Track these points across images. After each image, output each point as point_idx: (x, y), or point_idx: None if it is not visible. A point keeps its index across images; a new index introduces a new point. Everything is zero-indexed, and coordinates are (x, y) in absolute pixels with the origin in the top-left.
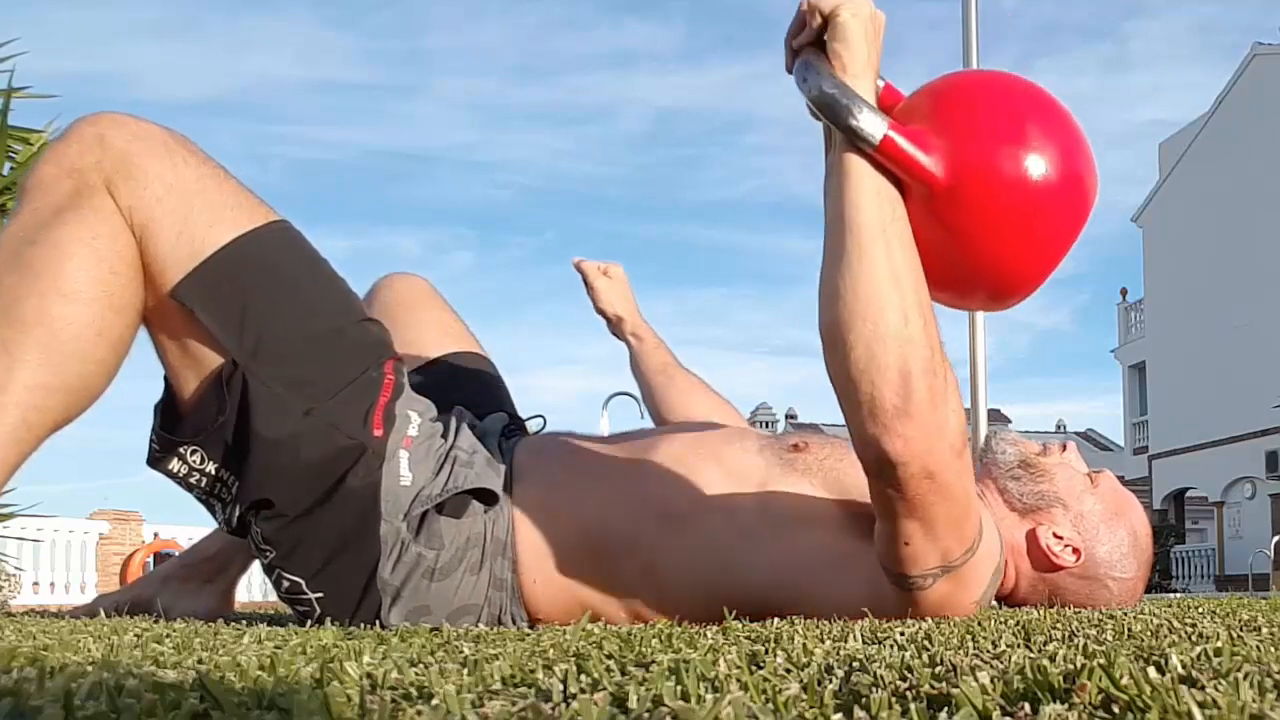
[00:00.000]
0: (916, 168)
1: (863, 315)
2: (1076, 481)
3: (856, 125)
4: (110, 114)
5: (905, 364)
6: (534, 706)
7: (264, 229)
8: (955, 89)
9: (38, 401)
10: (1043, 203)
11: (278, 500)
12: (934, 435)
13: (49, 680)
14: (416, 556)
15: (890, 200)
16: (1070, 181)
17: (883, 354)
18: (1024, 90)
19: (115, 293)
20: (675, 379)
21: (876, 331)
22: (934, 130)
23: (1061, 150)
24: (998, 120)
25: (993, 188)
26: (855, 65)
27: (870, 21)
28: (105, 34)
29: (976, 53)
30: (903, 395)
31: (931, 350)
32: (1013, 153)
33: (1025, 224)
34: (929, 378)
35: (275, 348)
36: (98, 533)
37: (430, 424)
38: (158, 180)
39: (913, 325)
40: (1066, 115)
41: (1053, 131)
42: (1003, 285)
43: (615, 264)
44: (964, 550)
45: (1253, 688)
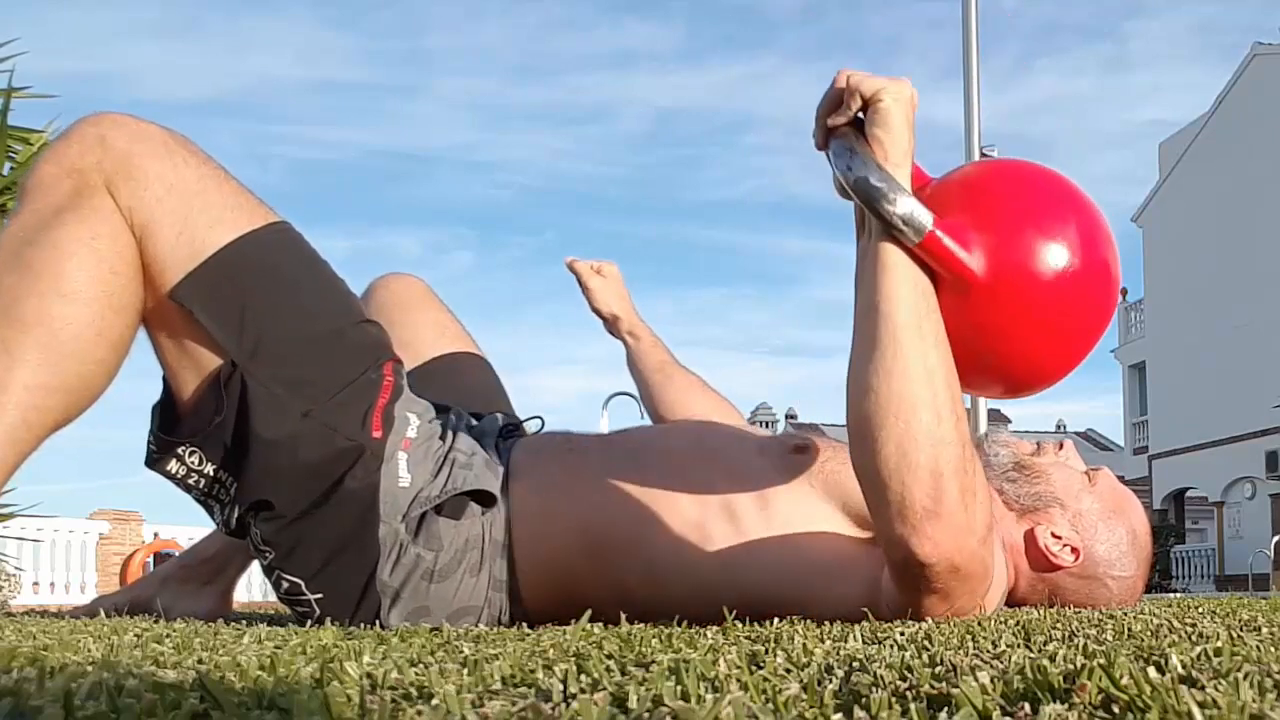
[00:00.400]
0: (957, 265)
1: (895, 413)
2: (1074, 480)
3: (901, 218)
4: (111, 114)
5: (937, 464)
6: (534, 706)
7: (264, 230)
8: (990, 181)
9: (37, 401)
10: (1076, 303)
11: (276, 501)
12: (964, 535)
13: (49, 680)
14: (415, 558)
15: (926, 294)
16: (1102, 279)
17: (914, 453)
18: (1056, 186)
19: (115, 293)
20: (673, 377)
21: (909, 430)
22: (975, 225)
23: (1094, 249)
24: (1037, 219)
25: (1031, 288)
26: (897, 153)
27: (909, 105)
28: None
29: (976, 53)
30: (934, 497)
31: (963, 447)
32: (1052, 254)
33: (1059, 323)
34: (960, 477)
35: (274, 349)
36: (98, 533)
37: (429, 425)
38: (158, 181)
39: (945, 424)
40: (1093, 209)
41: (1086, 230)
42: (1027, 380)
43: (609, 262)
44: (974, 605)
45: (1253, 688)
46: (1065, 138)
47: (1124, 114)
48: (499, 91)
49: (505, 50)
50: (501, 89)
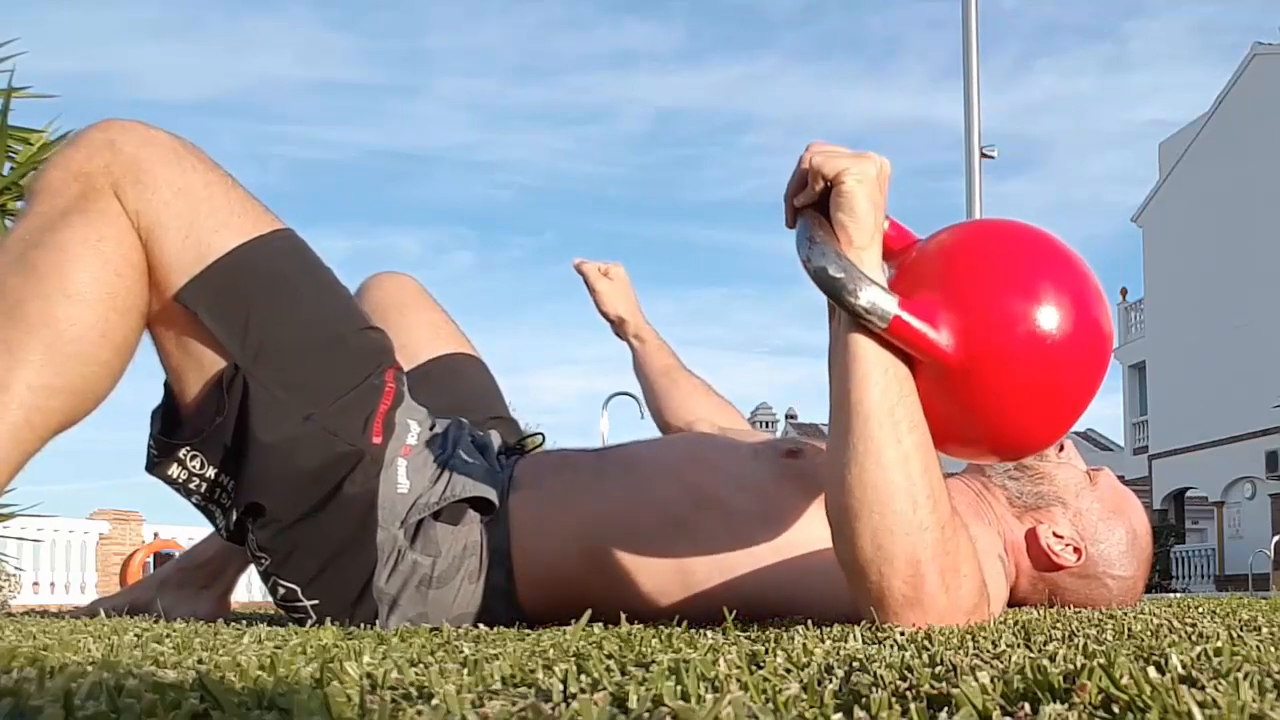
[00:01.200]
0: (928, 346)
1: (869, 505)
2: (1075, 480)
3: (864, 310)
4: (120, 121)
5: (914, 553)
6: (534, 706)
7: (270, 236)
8: (963, 251)
9: (41, 402)
10: (1060, 374)
11: (274, 505)
12: (946, 615)
13: (49, 680)
14: (413, 564)
15: (899, 379)
16: (1088, 346)
17: (890, 544)
18: (1031, 252)
19: (119, 294)
20: (678, 381)
21: (884, 522)
22: (945, 303)
23: (1079, 316)
24: (1011, 294)
25: (1008, 363)
26: (861, 236)
27: (875, 183)
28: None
29: (976, 52)
30: (913, 585)
31: (941, 529)
32: (1029, 332)
33: (1042, 396)
34: (939, 560)
35: (277, 353)
36: (98, 533)
37: (429, 433)
38: (165, 185)
39: (922, 510)
40: (1079, 269)
41: (1069, 298)
42: (1017, 448)
43: (617, 265)
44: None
45: (1253, 688)
46: (1065, 138)
47: (1124, 114)
48: (499, 91)
49: (505, 50)
50: (501, 89)
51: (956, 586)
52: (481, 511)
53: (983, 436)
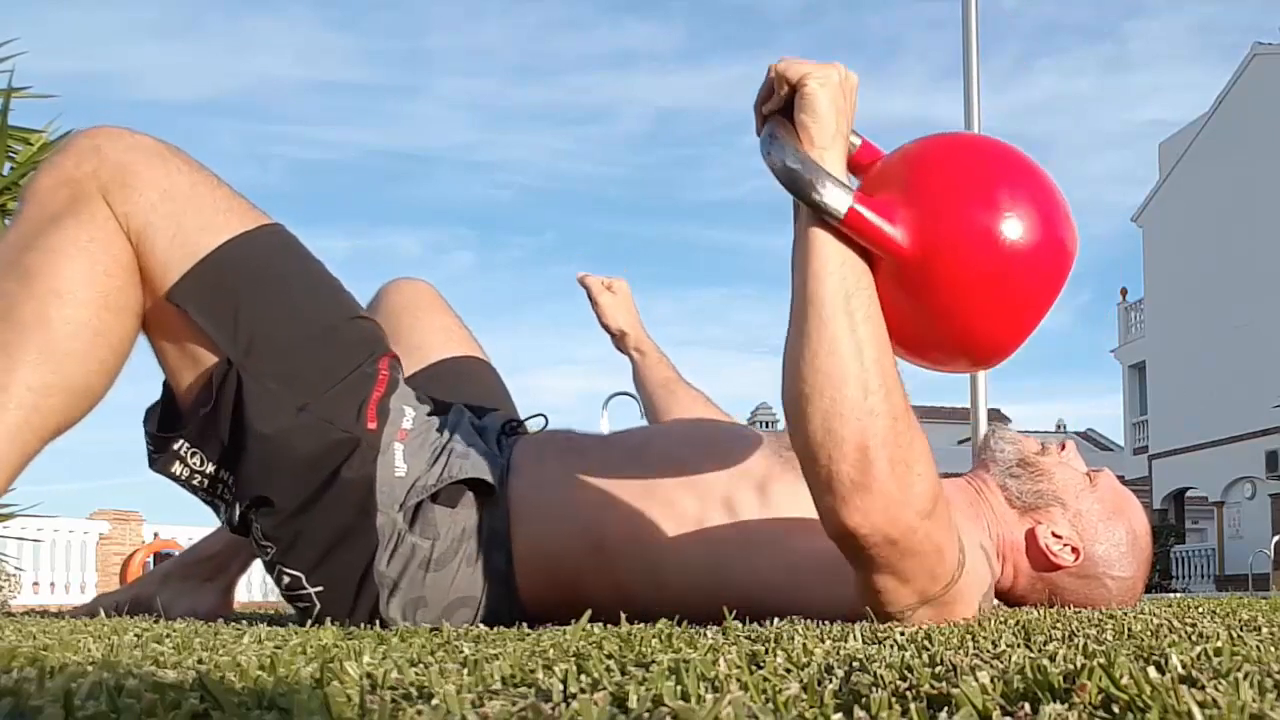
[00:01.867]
0: (883, 240)
1: (821, 389)
2: (1075, 480)
3: (820, 200)
4: (106, 127)
5: (863, 438)
6: (534, 706)
7: (256, 232)
8: (924, 154)
9: (39, 402)
10: (1014, 272)
11: (275, 495)
12: (895, 507)
13: (49, 680)
14: (412, 547)
15: (855, 272)
16: (1042, 248)
17: (840, 428)
18: (995, 155)
19: (111, 294)
20: (678, 393)
21: (834, 406)
22: (901, 200)
23: (1035, 217)
24: (963, 188)
25: (961, 259)
26: (823, 137)
27: (840, 88)
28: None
29: (976, 53)
30: (860, 469)
31: (894, 420)
32: (980, 224)
33: (996, 293)
34: (889, 449)
35: (268, 345)
36: (98, 533)
37: (425, 419)
38: (152, 187)
39: (873, 398)
40: (1040, 178)
41: (1024, 198)
42: (979, 351)
43: (619, 278)
44: (943, 585)
45: (1253, 688)
46: (1065, 138)
47: (1124, 114)
48: (499, 91)
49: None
50: (501, 89)
51: (908, 480)
52: (480, 494)
53: (940, 336)
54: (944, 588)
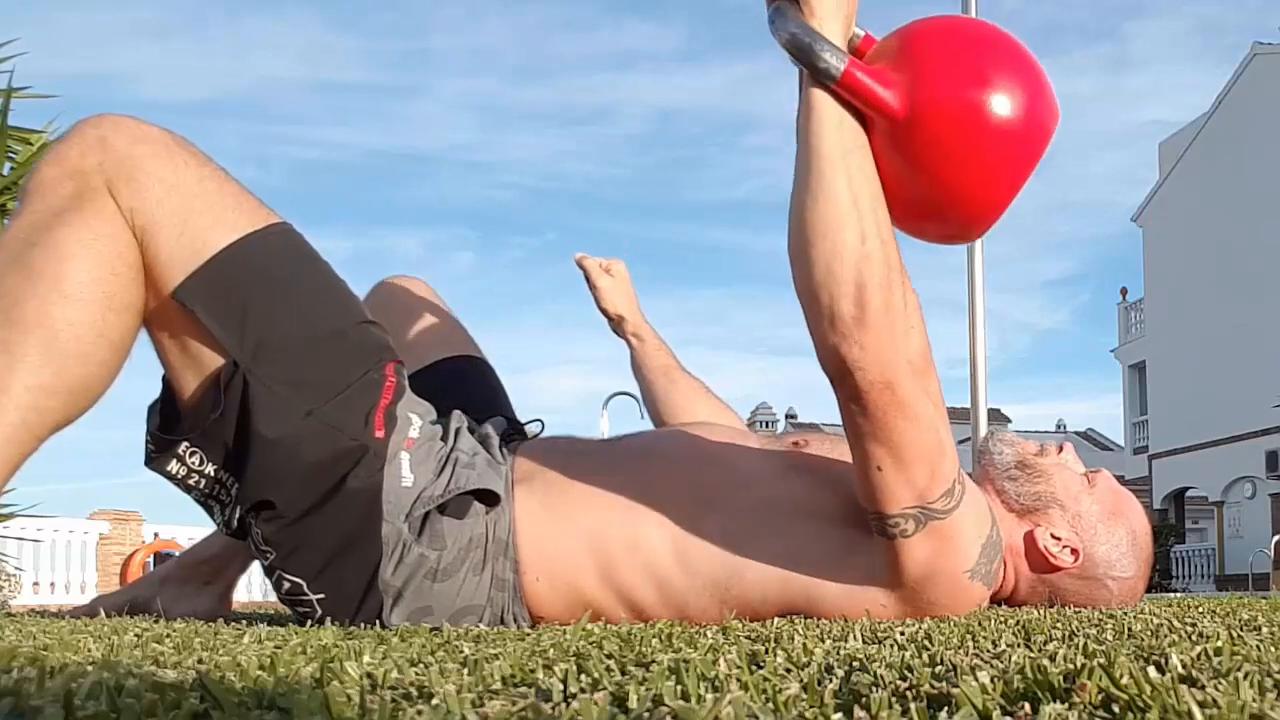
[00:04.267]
0: (875, 99)
1: (823, 234)
2: (1074, 482)
3: (819, 63)
4: (112, 116)
5: (861, 277)
6: (534, 706)
7: (265, 231)
8: (919, 29)
9: (38, 402)
10: (993, 134)
11: (278, 501)
12: (889, 345)
13: (49, 680)
14: (419, 557)
15: (852, 130)
16: (1024, 113)
17: (840, 269)
18: (982, 31)
19: (115, 294)
20: (676, 381)
21: (834, 249)
22: (894, 67)
23: (1015, 84)
24: (952, 56)
25: (945, 119)
26: (823, 9)
27: None
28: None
29: None
30: (859, 305)
31: (888, 268)
32: (963, 86)
33: (978, 154)
34: (884, 292)
35: (276, 349)
36: (98, 533)
37: (431, 426)
38: (159, 182)
39: (870, 243)
40: (1022, 52)
41: (1006, 66)
42: (964, 214)
43: (618, 260)
44: (942, 492)
45: (1253, 687)
46: (1065, 138)
47: (1124, 114)
48: (499, 91)
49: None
50: (502, 89)
51: (903, 323)
52: (486, 503)
53: (927, 195)
54: (943, 496)
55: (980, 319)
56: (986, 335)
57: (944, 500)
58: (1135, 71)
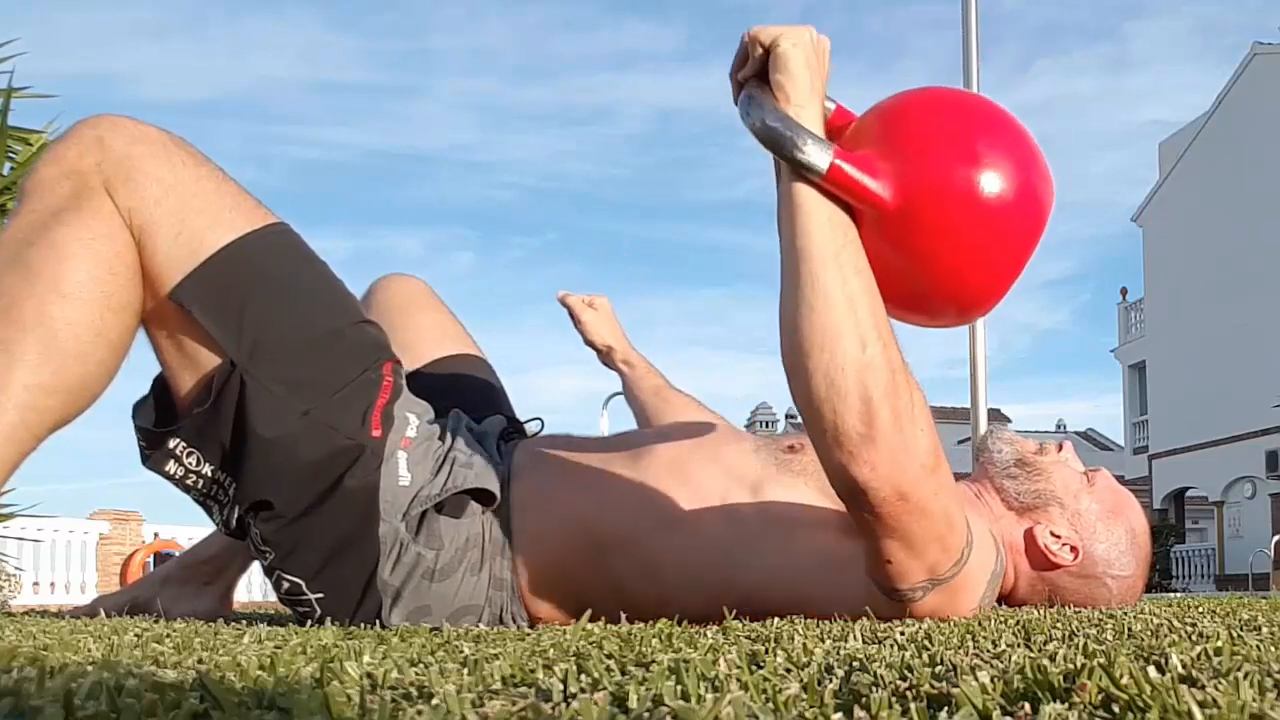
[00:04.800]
0: (864, 193)
1: (819, 344)
2: (1073, 480)
3: (802, 157)
4: (110, 116)
5: (866, 390)
6: (534, 706)
7: (263, 231)
8: (902, 109)
9: (36, 401)
10: (991, 219)
11: (276, 501)
12: (902, 458)
13: (49, 680)
14: (416, 556)
15: (842, 226)
16: (1019, 196)
17: (842, 381)
18: (970, 106)
19: (113, 293)
20: (670, 399)
21: (834, 360)
22: (881, 154)
23: (1008, 166)
24: (942, 139)
25: (940, 208)
26: (799, 95)
27: (812, 48)
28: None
29: (976, 53)
30: (866, 421)
31: (892, 373)
32: (957, 172)
33: (976, 241)
34: (891, 400)
35: (273, 349)
36: (98, 533)
37: (428, 426)
38: (157, 182)
39: (871, 350)
40: (1015, 128)
41: (999, 148)
42: (964, 302)
43: (600, 296)
44: (952, 563)
45: (1253, 687)
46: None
47: (1124, 114)
48: (499, 91)
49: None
50: (502, 89)
51: (912, 431)
52: (483, 502)
53: (925, 287)
54: (954, 565)
55: (980, 319)
56: (986, 335)
57: (954, 567)
58: (1135, 71)
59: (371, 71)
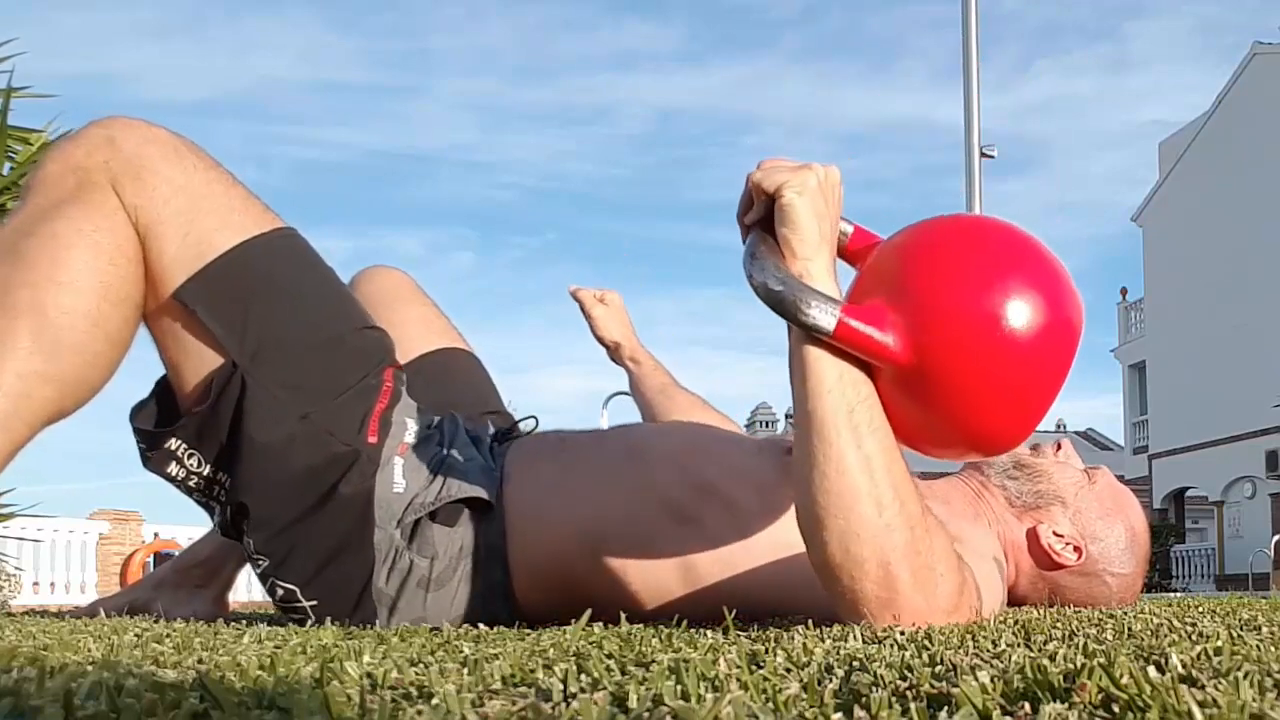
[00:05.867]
0: (876, 349)
1: (834, 511)
2: (1074, 479)
3: (807, 320)
4: (122, 118)
5: (883, 555)
6: (534, 706)
7: (270, 235)
8: (912, 250)
9: (30, 390)
10: (1014, 366)
11: (271, 505)
12: (923, 612)
13: (49, 680)
14: (410, 564)
15: (854, 383)
16: (1044, 336)
17: (858, 549)
18: (983, 242)
19: (113, 285)
20: (675, 398)
21: (849, 527)
22: (891, 302)
23: (1028, 307)
24: (954, 288)
25: (957, 360)
26: (806, 248)
27: (819, 191)
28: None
29: (976, 53)
30: (885, 586)
31: (911, 530)
32: (973, 323)
33: (998, 389)
34: (910, 561)
35: (275, 352)
36: (98, 533)
37: (425, 431)
38: (166, 182)
39: (888, 512)
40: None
41: (1017, 288)
42: (989, 445)
43: (612, 291)
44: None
45: (1253, 687)
46: (1065, 138)
47: (1124, 114)
48: (499, 92)
49: (506, 51)
50: (502, 89)
51: (932, 586)
52: (477, 509)
53: (952, 434)
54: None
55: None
56: None
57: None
58: (1135, 71)
59: (371, 71)
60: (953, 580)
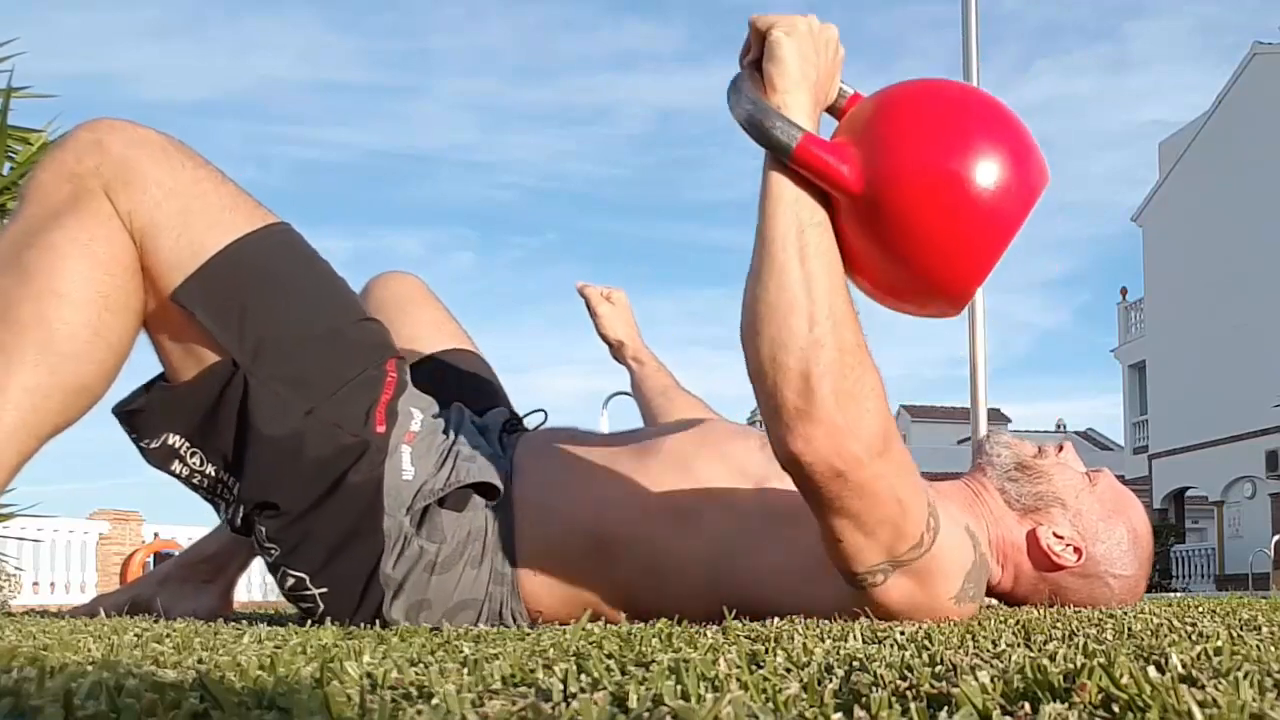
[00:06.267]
0: (832, 174)
1: (768, 320)
2: (1075, 481)
3: (771, 136)
4: (108, 120)
5: (807, 366)
6: (534, 706)
7: (263, 231)
8: (885, 98)
9: (36, 403)
10: (963, 207)
11: (281, 498)
12: (840, 436)
13: (49, 680)
14: (419, 550)
15: (809, 207)
16: (999, 185)
17: (784, 358)
18: (950, 95)
19: (111, 294)
20: (676, 400)
21: (779, 337)
22: (856, 140)
23: (981, 159)
24: (916, 128)
25: (905, 195)
26: (784, 82)
27: (809, 36)
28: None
29: (976, 53)
30: (804, 397)
31: (840, 353)
32: (923, 161)
33: (946, 230)
34: (834, 379)
35: (275, 349)
36: (98, 533)
37: (432, 420)
38: (156, 185)
39: (819, 329)
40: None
41: (975, 139)
42: (938, 288)
43: (618, 289)
44: (909, 546)
45: (1253, 687)
46: (1065, 138)
47: (1124, 114)
48: (499, 91)
49: (506, 51)
50: (502, 89)
51: (855, 413)
52: (486, 496)
53: (901, 275)
54: (912, 549)
55: (980, 319)
56: (986, 335)
57: (913, 551)
58: (1135, 71)
59: (371, 71)
60: (881, 422)
